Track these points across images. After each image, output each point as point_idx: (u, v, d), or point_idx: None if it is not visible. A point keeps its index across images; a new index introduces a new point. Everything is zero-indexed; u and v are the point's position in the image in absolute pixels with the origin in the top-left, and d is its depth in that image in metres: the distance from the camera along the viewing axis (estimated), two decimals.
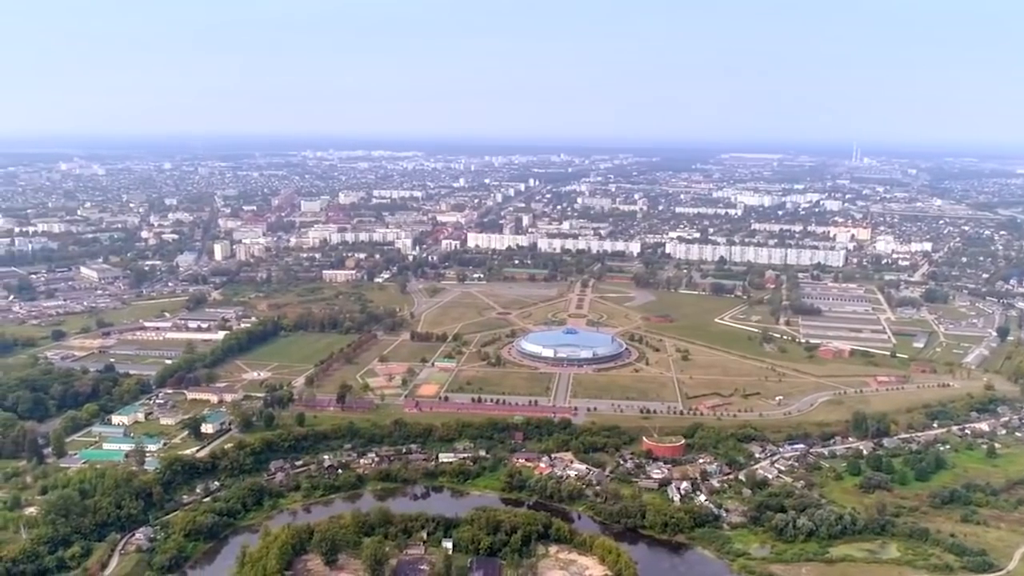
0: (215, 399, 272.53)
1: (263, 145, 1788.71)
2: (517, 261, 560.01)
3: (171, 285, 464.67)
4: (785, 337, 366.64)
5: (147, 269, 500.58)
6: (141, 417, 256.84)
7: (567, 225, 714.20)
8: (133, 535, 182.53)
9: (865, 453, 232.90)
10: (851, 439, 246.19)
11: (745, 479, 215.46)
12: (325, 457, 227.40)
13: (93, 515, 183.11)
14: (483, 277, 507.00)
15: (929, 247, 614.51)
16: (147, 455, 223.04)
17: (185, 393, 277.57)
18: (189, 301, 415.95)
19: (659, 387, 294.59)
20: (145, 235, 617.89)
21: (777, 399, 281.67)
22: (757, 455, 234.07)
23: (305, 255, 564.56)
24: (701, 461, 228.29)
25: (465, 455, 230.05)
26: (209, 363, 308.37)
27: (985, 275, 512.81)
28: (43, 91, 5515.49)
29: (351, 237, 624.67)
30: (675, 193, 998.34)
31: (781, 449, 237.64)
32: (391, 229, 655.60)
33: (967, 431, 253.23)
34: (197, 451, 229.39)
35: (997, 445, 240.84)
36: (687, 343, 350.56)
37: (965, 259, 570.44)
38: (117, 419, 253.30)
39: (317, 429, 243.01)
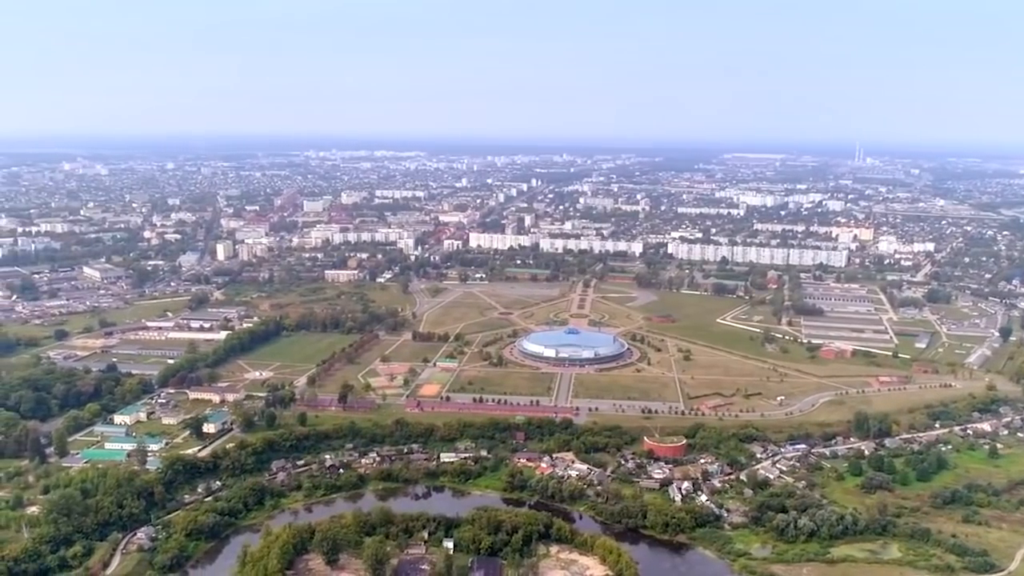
0: (217, 399, 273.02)
1: (264, 145, 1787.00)
2: (519, 261, 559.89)
3: (173, 285, 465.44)
4: (787, 337, 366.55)
5: (150, 269, 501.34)
6: (143, 417, 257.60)
7: (569, 225, 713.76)
8: (135, 534, 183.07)
9: (867, 453, 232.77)
10: (853, 439, 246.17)
11: (746, 479, 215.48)
12: (327, 457, 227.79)
13: (95, 514, 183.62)
14: (485, 277, 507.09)
15: (932, 247, 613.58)
16: (149, 455, 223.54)
17: (187, 393, 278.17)
18: (191, 301, 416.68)
19: (661, 387, 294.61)
20: (148, 235, 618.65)
21: (779, 399, 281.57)
22: (758, 455, 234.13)
23: (307, 255, 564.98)
24: (702, 461, 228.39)
25: (466, 455, 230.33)
26: (211, 363, 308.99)
27: (988, 275, 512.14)
28: (43, 91, 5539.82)
29: (353, 237, 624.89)
30: (677, 193, 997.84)
31: (782, 449, 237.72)
32: (393, 229, 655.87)
33: (969, 431, 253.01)
34: (199, 451, 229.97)
35: (999, 445, 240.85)
36: (689, 343, 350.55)
37: (968, 259, 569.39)
38: (119, 419, 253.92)
39: (319, 429, 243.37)
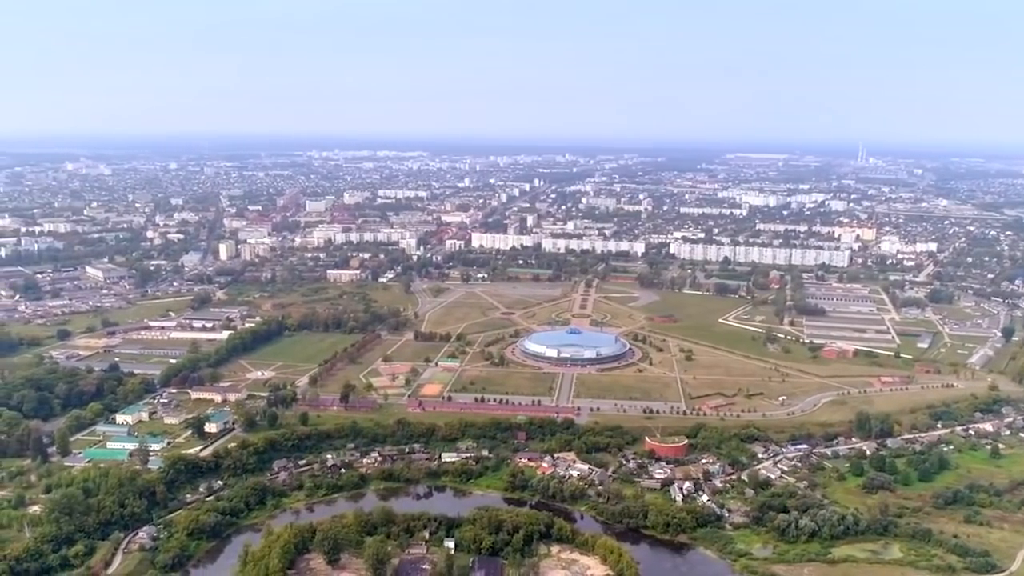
0: (219, 398, 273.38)
1: (266, 145, 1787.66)
2: (521, 261, 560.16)
3: (176, 285, 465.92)
4: (789, 337, 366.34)
5: (152, 269, 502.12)
6: (145, 416, 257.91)
7: (571, 225, 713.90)
8: (136, 534, 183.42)
9: (868, 453, 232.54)
10: (854, 439, 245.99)
11: (748, 479, 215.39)
12: (328, 456, 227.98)
13: (97, 514, 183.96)
14: (487, 277, 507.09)
15: (934, 247, 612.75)
16: (151, 454, 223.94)
17: (189, 392, 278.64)
18: (194, 301, 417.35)
19: (662, 387, 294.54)
20: (150, 235, 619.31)
21: (780, 399, 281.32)
22: (760, 455, 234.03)
23: (310, 255, 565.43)
24: (704, 461, 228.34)
25: (468, 455, 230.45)
26: (213, 362, 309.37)
27: (990, 275, 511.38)
28: (43, 91, 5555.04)
29: (356, 237, 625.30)
30: (680, 193, 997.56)
31: (784, 449, 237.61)
32: (396, 229, 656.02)
33: (971, 432, 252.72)
34: (200, 450, 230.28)
35: (1001, 446, 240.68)
36: (691, 343, 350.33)
37: (970, 259, 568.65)
38: (121, 418, 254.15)
39: (320, 428, 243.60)
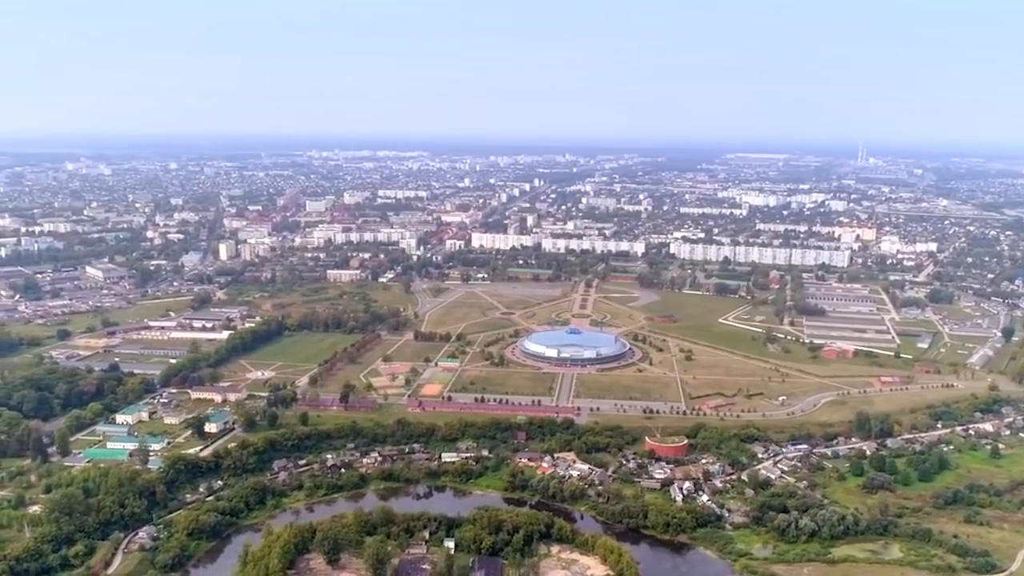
0: (219, 398, 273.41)
1: (266, 145, 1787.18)
2: (521, 261, 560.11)
3: (176, 285, 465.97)
4: (789, 337, 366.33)
5: (152, 269, 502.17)
6: (145, 416, 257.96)
7: (571, 225, 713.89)
8: (136, 534, 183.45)
9: (868, 453, 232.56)
10: (854, 439, 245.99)
11: (748, 479, 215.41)
12: (328, 456, 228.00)
13: (97, 514, 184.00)
14: (487, 277, 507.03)
15: (934, 247, 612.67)
16: (151, 454, 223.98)
17: (189, 392, 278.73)
18: (194, 301, 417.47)
19: (662, 387, 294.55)
20: (151, 235, 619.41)
21: (780, 399, 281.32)
22: (760, 455, 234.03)
23: (310, 255, 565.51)
24: (704, 461, 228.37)
25: (468, 455, 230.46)
26: (213, 362, 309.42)
27: (990, 275, 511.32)
28: (43, 91, 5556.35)
29: (356, 237, 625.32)
30: (680, 193, 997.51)
31: (784, 449, 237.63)
32: (396, 229, 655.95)
33: (971, 432, 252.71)
34: (200, 450, 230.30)
35: (1001, 446, 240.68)
36: (691, 343, 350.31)
37: (970, 259, 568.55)
38: (121, 418, 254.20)
39: (320, 428, 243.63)
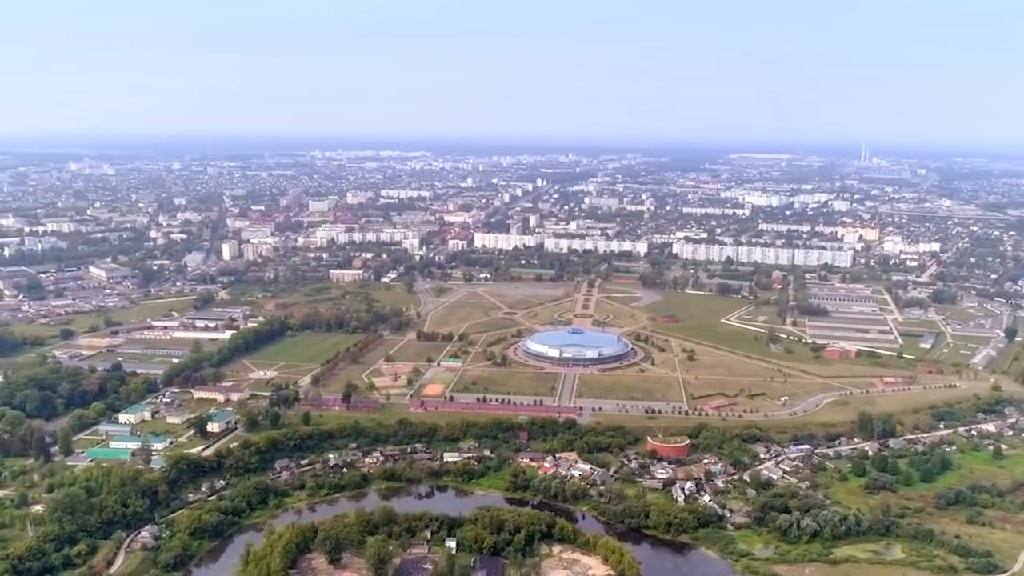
0: (221, 398, 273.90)
1: (268, 145, 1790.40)
2: (524, 261, 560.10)
3: (179, 285, 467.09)
4: (791, 338, 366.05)
5: (155, 269, 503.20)
6: (148, 416, 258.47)
7: (574, 225, 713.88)
8: (139, 533, 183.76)
9: (870, 454, 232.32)
10: (856, 440, 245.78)
11: (749, 479, 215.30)
12: (330, 456, 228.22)
13: (99, 513, 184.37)
14: (490, 277, 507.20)
15: (937, 248, 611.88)
16: (153, 454, 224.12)
17: (192, 392, 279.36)
18: (197, 300, 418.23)
19: (664, 387, 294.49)
20: (154, 235, 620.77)
21: (783, 400, 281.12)
22: (762, 455, 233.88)
23: (312, 255, 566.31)
24: (706, 461, 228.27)
25: (470, 455, 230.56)
26: (216, 362, 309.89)
27: (993, 276, 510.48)
28: (43, 91, 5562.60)
29: (358, 237, 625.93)
30: (683, 193, 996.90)
31: (786, 450, 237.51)
32: (398, 229, 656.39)
33: (973, 432, 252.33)
34: (203, 450, 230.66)
35: (1003, 446, 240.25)
36: (693, 343, 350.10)
37: (973, 260, 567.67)
38: (124, 418, 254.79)
39: (322, 428, 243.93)
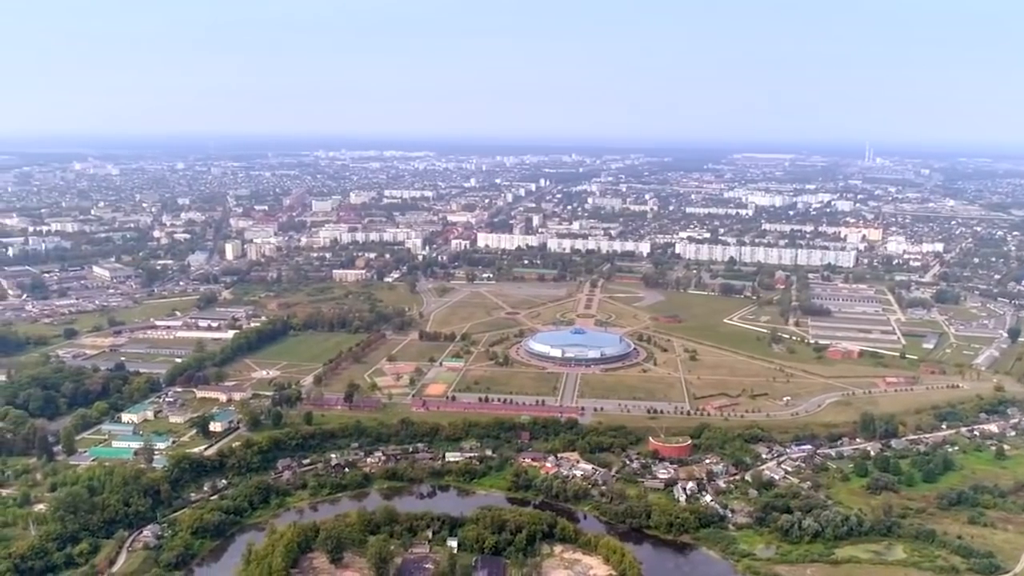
0: (224, 397, 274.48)
1: (270, 144, 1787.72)
2: (527, 261, 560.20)
3: (182, 284, 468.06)
4: (794, 338, 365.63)
5: (159, 268, 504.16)
6: (150, 415, 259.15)
7: (577, 225, 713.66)
8: (141, 532, 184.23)
9: (872, 454, 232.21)
10: (859, 440, 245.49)
11: (751, 480, 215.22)
12: (332, 456, 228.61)
13: (101, 512, 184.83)
14: (492, 277, 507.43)
15: (941, 248, 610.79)
16: (156, 453, 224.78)
17: (194, 391, 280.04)
18: (200, 300, 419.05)
19: (666, 387, 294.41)
20: (157, 235, 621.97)
21: (785, 400, 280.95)
22: (764, 456, 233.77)
23: (316, 255, 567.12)
24: (707, 461, 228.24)
25: (471, 454, 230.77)
26: (218, 362, 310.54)
27: (997, 276, 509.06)
28: (43, 91, 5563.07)
29: (361, 237, 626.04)
30: (686, 193, 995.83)
31: (788, 450, 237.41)
32: (401, 229, 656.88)
33: (976, 432, 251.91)
34: (205, 449, 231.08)
35: (1006, 447, 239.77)
36: (695, 343, 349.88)
37: (977, 260, 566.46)
38: (127, 417, 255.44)
39: (324, 428, 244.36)
